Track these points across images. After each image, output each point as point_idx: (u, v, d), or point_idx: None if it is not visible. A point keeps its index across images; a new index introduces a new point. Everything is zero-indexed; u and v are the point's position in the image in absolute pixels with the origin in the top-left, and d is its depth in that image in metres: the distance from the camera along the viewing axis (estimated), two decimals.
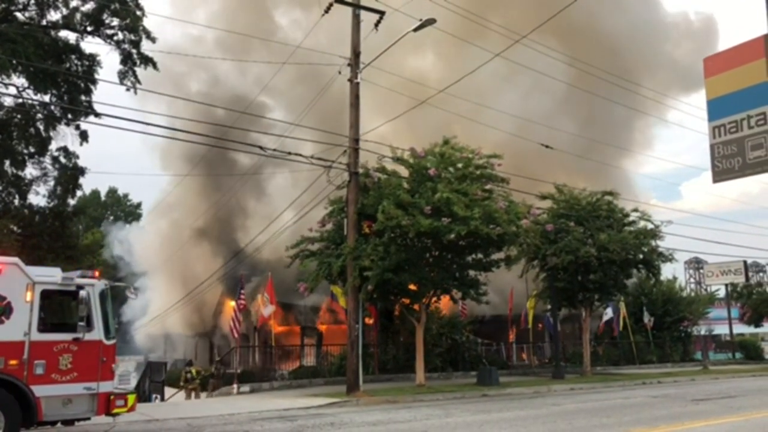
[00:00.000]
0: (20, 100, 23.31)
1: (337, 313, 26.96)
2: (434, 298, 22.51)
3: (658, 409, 15.55)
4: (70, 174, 25.20)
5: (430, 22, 18.57)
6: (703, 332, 43.97)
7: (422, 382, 21.36)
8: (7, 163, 24.04)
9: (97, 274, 11.54)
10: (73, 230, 29.20)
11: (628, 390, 22.03)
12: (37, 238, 24.23)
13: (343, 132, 20.38)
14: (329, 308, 28.87)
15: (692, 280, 66.07)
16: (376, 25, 19.84)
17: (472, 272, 22.00)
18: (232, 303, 27.08)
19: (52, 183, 25.46)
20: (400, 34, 19.57)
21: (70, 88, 23.40)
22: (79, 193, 27.53)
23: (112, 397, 11.09)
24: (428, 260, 20.97)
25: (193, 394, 25.16)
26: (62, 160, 25.19)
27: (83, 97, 23.73)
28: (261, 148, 18.93)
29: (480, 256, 21.70)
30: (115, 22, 23.47)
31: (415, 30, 18.96)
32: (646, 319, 36.23)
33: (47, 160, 25.08)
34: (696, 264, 64.08)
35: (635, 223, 27.40)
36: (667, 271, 52.65)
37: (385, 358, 26.16)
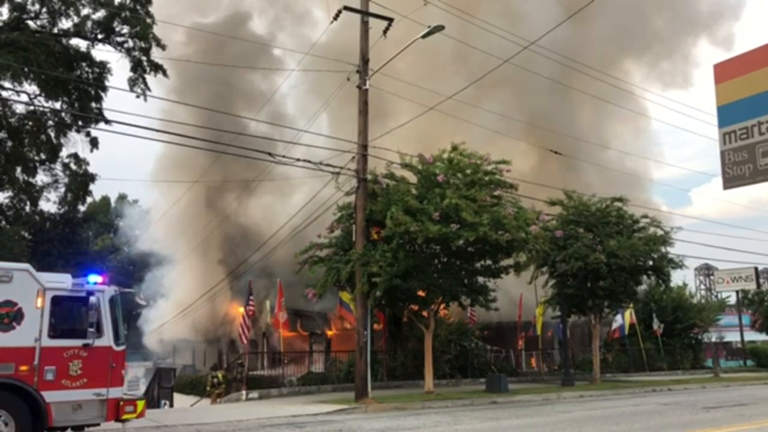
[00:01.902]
0: (32, 108, 23.53)
1: (346, 319, 26.93)
2: (443, 305, 22.45)
3: (668, 416, 15.44)
4: (80, 180, 25.37)
5: (439, 28, 18.61)
6: (713, 339, 43.65)
7: (431, 389, 21.29)
8: (19, 169, 24.25)
9: (101, 279, 11.52)
10: (84, 236, 29.36)
11: (638, 397, 21.88)
12: (47, 244, 24.45)
13: (352, 138, 20.43)
14: (338, 315, 28.85)
15: (702, 286, 65.69)
16: (385, 32, 19.90)
17: (480, 279, 21.94)
18: (241, 309, 27.12)
19: (62, 190, 25.68)
20: (409, 41, 19.63)
21: (81, 96, 23.61)
22: (89, 199, 27.74)
23: (121, 403, 11.13)
24: (437, 266, 20.94)
25: (219, 400, 24.93)
26: (73, 166, 25.39)
27: (94, 105, 23.93)
28: (270, 154, 18.99)
29: (489, 262, 21.64)
30: (126, 29, 23.68)
31: (424, 37, 19.00)
32: (656, 325, 36.01)
33: (58, 166, 25.30)
34: (706, 270, 63.74)
35: (645, 229, 27.27)
36: (677, 277, 52.26)
37: (394, 364, 26.09)
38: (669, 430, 12.76)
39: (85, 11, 23.51)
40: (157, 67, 24.14)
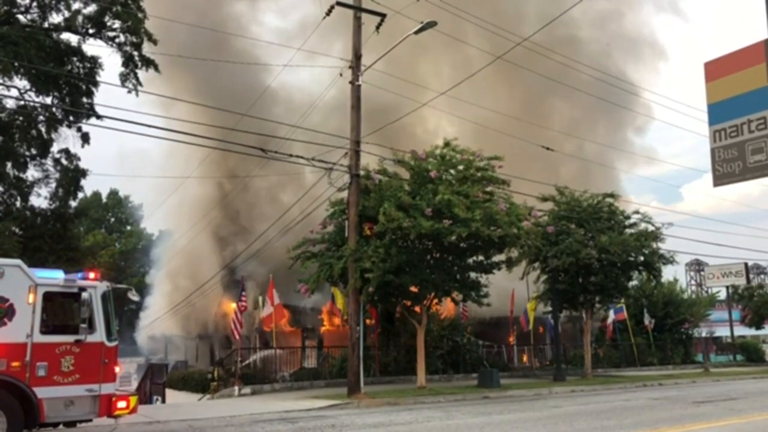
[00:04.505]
0: (22, 103, 23.36)
1: (336, 315, 26.99)
2: (435, 300, 22.52)
3: (659, 411, 15.56)
4: (71, 176, 25.22)
5: (431, 24, 18.61)
6: (704, 334, 43.99)
7: (423, 384, 21.37)
8: (9, 165, 24.07)
9: (93, 275, 11.50)
10: (75, 232, 29.18)
11: (629, 392, 22.04)
12: (38, 240, 24.22)
13: (345, 134, 20.42)
14: (330, 310, 28.89)
15: (693, 282, 66.10)
16: (377, 27, 19.89)
17: (473, 274, 22.01)
18: (233, 305, 27.10)
19: (53, 185, 25.48)
20: (402, 36, 19.63)
21: (72, 91, 23.44)
22: (80, 195, 27.56)
23: (114, 398, 11.10)
24: (429, 262, 20.99)
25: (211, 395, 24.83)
26: (64, 162, 25.23)
27: (85, 99, 23.78)
28: (263, 150, 18.94)
29: (481, 258, 21.73)
30: (117, 24, 23.50)
31: (416, 32, 19.00)
32: (647, 321, 36.24)
33: (49, 162, 25.11)
34: (697, 266, 64.12)
35: (636, 225, 27.42)
36: (668, 273, 52.75)
37: (386, 360, 26.16)
38: (660, 425, 12.86)
39: (75, 5, 23.34)
40: (148, 62, 23.99)
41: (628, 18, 46.75)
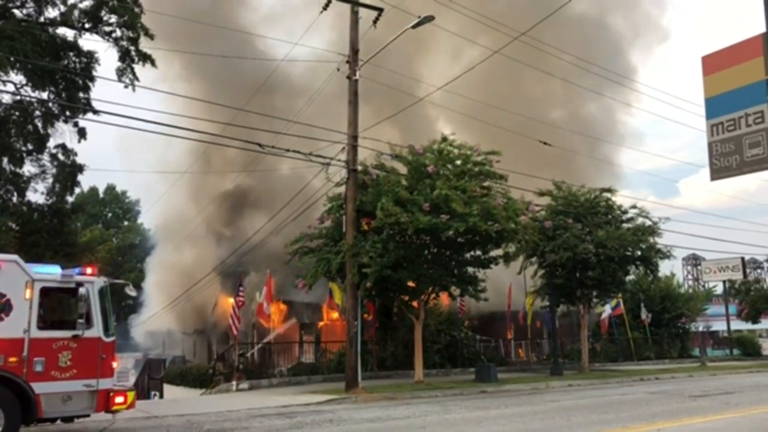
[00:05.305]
0: (18, 98, 23.26)
1: (335, 309, 26.97)
2: (433, 295, 22.54)
3: (655, 405, 15.61)
4: (68, 171, 25.13)
5: (429, 19, 18.56)
6: (700, 329, 44.10)
7: (421, 379, 21.40)
8: (5, 160, 23.97)
9: (90, 270, 11.48)
10: (72, 227, 29.12)
11: (626, 386, 22.10)
12: (35, 236, 24.15)
13: (342, 129, 20.39)
14: (328, 305, 28.86)
15: (690, 276, 66.31)
16: (375, 22, 19.85)
17: (470, 269, 22.02)
18: (231, 300, 27.08)
19: (50, 180, 25.38)
20: (399, 30, 19.58)
21: (68, 86, 23.34)
22: (77, 190, 27.48)
23: (111, 394, 11.12)
24: (427, 257, 21.00)
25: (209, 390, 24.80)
26: (60, 157, 25.12)
27: (81, 94, 23.67)
28: (259, 145, 18.90)
29: (478, 252, 21.73)
30: (113, 19, 23.39)
31: (414, 27, 18.95)
32: (644, 315, 36.32)
33: (45, 157, 25.01)
34: (694, 261, 64.33)
35: (633, 219, 27.45)
36: (665, 267, 52.68)
37: (384, 354, 26.19)
38: (656, 419, 12.90)
39: (72, 0, 23.25)
40: (145, 57, 23.89)
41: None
